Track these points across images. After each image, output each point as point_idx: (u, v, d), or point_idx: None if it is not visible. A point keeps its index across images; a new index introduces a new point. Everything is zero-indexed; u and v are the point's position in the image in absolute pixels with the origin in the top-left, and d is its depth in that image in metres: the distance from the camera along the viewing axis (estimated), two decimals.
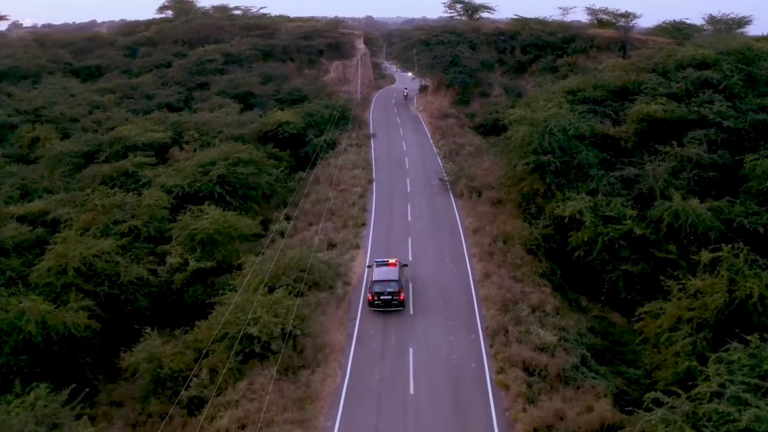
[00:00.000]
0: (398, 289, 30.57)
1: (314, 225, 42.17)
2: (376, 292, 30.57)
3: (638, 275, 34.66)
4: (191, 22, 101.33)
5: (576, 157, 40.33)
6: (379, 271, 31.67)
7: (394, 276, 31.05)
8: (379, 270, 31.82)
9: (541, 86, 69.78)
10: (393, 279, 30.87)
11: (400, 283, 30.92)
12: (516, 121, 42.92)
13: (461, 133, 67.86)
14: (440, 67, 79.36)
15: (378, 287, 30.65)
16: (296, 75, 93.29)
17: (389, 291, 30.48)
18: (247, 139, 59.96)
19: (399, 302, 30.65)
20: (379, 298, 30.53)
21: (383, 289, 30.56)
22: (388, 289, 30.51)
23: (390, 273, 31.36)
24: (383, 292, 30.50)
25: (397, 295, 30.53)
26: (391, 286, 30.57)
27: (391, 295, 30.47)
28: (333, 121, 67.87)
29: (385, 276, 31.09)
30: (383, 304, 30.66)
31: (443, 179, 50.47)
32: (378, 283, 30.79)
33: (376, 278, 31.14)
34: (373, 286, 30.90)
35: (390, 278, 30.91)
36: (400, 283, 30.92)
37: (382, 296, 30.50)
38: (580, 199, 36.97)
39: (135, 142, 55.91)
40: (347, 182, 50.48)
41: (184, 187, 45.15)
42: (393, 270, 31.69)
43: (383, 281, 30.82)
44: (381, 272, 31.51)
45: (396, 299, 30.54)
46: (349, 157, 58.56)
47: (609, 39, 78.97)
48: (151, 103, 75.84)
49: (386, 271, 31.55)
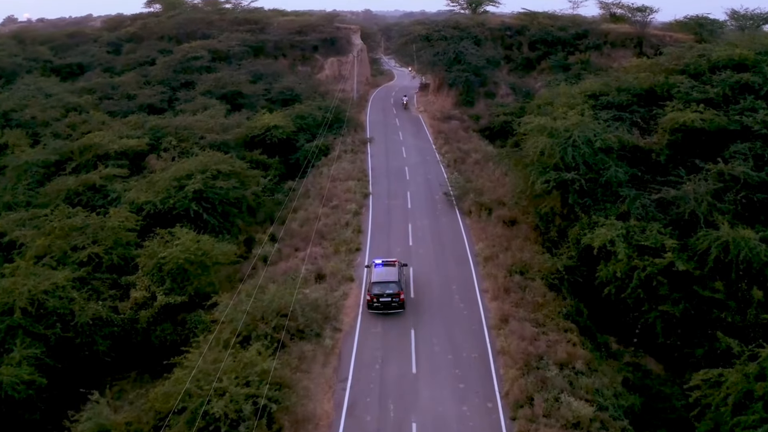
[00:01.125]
0: (398, 291, 29.54)
1: (301, 250, 36.83)
2: (375, 294, 29.56)
3: (679, 317, 29.50)
4: (178, 16, 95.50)
5: (603, 173, 34.92)
6: (378, 272, 30.61)
7: (393, 277, 29.98)
8: (378, 270, 30.76)
9: (552, 86, 64.57)
10: (392, 280, 29.78)
11: (399, 284, 29.83)
12: (534, 130, 37.41)
13: (466, 137, 62.42)
14: (442, 64, 73.80)
15: (377, 288, 29.63)
16: (289, 72, 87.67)
17: (388, 292, 29.46)
18: (231, 145, 54.77)
19: (399, 304, 29.65)
20: (378, 300, 29.55)
21: (382, 290, 29.54)
22: (388, 291, 29.50)
23: (389, 274, 30.29)
24: (382, 293, 29.49)
25: (397, 297, 29.51)
26: (391, 288, 29.55)
27: (390, 296, 29.46)
28: (326, 124, 62.44)
29: (384, 277, 30.03)
30: (383, 306, 29.62)
31: (448, 194, 45.06)
32: (377, 285, 29.74)
33: (375, 279, 30.06)
34: (372, 288, 29.78)
35: (389, 279, 29.85)
36: (399, 284, 29.83)
37: (381, 298, 29.50)
38: (611, 225, 31.61)
39: (107, 151, 50.64)
40: (340, 196, 45.07)
41: (156, 204, 39.89)
42: (392, 270, 30.61)
43: (382, 282, 29.77)
44: (380, 273, 30.48)
45: (396, 301, 29.54)
46: (343, 165, 53.15)
47: (624, 35, 73.40)
48: (133, 104, 70.59)
49: (385, 272, 30.46)
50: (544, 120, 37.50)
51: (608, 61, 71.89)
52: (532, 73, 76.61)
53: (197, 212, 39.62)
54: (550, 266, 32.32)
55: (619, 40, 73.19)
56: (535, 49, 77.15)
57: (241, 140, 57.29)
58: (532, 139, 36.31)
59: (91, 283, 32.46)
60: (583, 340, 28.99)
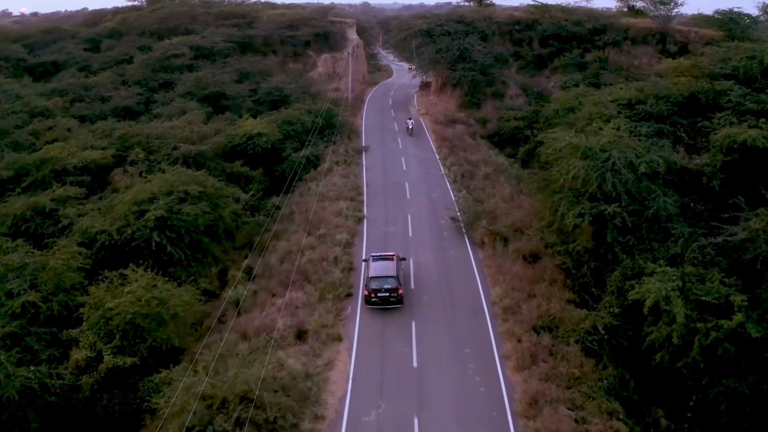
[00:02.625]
0: (396, 286, 28.93)
1: (279, 296, 30.35)
2: (373, 289, 28.93)
3: (748, 393, 23.28)
4: (160, 10, 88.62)
5: (650, 204, 28.41)
6: (376, 266, 29.90)
7: (392, 272, 29.43)
8: (376, 265, 30.03)
9: (568, 86, 58.06)
10: (391, 275, 29.20)
11: (398, 279, 29.20)
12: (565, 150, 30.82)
13: (473, 145, 55.82)
14: (445, 62, 67.00)
15: (375, 284, 28.99)
16: (279, 70, 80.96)
17: (387, 288, 28.85)
18: (208, 156, 48.32)
19: (397, 299, 29.02)
20: (376, 296, 28.90)
21: (380, 285, 28.90)
22: (386, 286, 28.86)
23: (388, 268, 29.68)
24: (380, 288, 28.86)
25: (395, 292, 28.88)
26: (389, 282, 28.93)
27: (388, 291, 28.85)
28: (316, 130, 55.88)
29: (382, 272, 29.39)
30: (381, 302, 29.00)
31: (456, 218, 38.55)
32: (375, 279, 29.10)
33: (372, 274, 29.38)
34: (369, 283, 29.12)
35: (388, 274, 29.27)
36: (398, 279, 29.20)
37: (379, 293, 28.86)
38: (662, 273, 25.18)
39: (66, 165, 44.30)
40: (329, 222, 38.53)
41: (112, 234, 33.66)
42: (391, 265, 29.99)
43: (380, 277, 29.11)
44: (378, 267, 29.79)
45: (394, 296, 28.92)
46: (334, 180, 46.60)
47: (645, 30, 66.72)
48: (106, 107, 64.20)
49: (384, 266, 29.79)
50: (576, 138, 30.85)
51: (628, 59, 65.30)
52: (544, 71, 69.91)
53: (160, 244, 33.34)
54: (587, 325, 25.85)
55: (640, 36, 66.52)
56: (547, 46, 70.33)
57: (221, 150, 50.78)
58: (564, 162, 29.70)
59: (25, 340, 26.58)
60: (632, 427, 22.69)
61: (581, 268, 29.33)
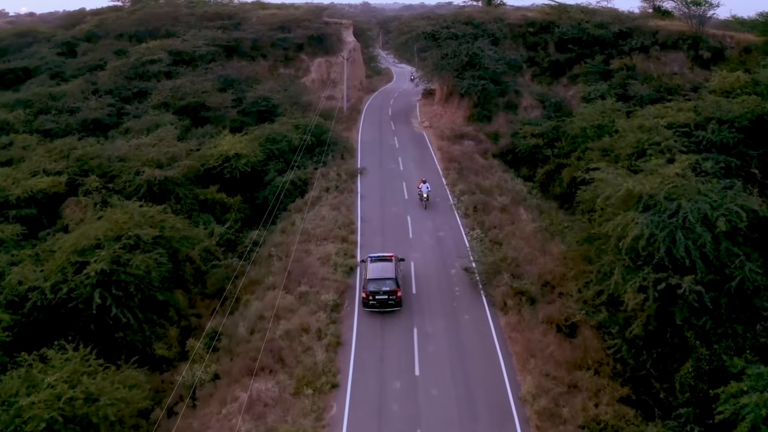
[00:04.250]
0: (395, 288, 28.01)
1: (241, 387, 23.28)
2: (371, 292, 27.92)
3: None
4: (140, 10, 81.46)
5: (732, 273, 21.30)
6: (373, 268, 29.03)
7: (390, 274, 28.46)
8: (374, 266, 29.19)
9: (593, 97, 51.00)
10: (389, 277, 28.24)
11: (396, 281, 28.26)
12: (620, 199, 23.64)
13: (485, 166, 48.69)
14: (452, 68, 59.85)
15: (373, 286, 28.02)
16: (269, 76, 73.99)
17: (385, 290, 27.91)
18: (179, 181, 41.69)
19: (396, 302, 28.06)
20: (374, 298, 27.92)
21: (378, 287, 27.97)
22: (384, 288, 27.95)
23: (386, 270, 28.75)
24: (378, 291, 27.92)
25: (394, 295, 27.95)
26: (387, 285, 28.02)
27: (387, 294, 27.90)
28: (303, 148, 48.83)
29: (380, 274, 28.46)
30: (379, 305, 27.98)
31: (470, 269, 31.45)
32: (373, 282, 28.15)
33: (370, 276, 28.42)
34: (367, 285, 28.13)
35: (386, 276, 28.29)
36: (396, 281, 28.26)
37: (377, 296, 27.87)
38: (756, 377, 18.24)
39: (8, 196, 37.85)
40: (313, 273, 31.42)
41: (45, 292, 26.96)
42: (389, 266, 29.14)
43: (378, 279, 28.19)
44: (376, 269, 28.91)
45: (393, 299, 27.97)
46: (322, 212, 39.53)
47: (676, 34, 59.46)
48: (75, 119, 57.44)
49: (382, 268, 28.94)
50: (634, 181, 23.63)
51: (658, 67, 58.11)
52: (561, 79, 62.68)
53: (103, 305, 26.72)
54: None
55: (670, 40, 59.26)
56: (564, 50, 63.02)
57: (193, 174, 43.84)
58: (619, 216, 22.53)
59: None
60: None
61: (639, 356, 22.20)
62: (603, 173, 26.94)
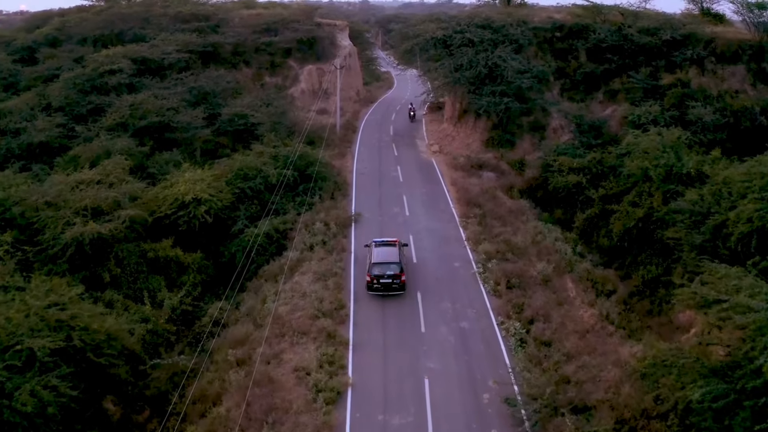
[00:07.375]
0: (399, 272, 28.20)
1: None
2: (376, 275, 28.21)
3: None
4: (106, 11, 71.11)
5: None
6: (378, 252, 29.30)
7: (394, 258, 28.78)
8: (379, 250, 29.45)
9: (644, 125, 41.08)
10: (393, 261, 28.55)
11: (400, 265, 28.44)
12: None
13: (513, 210, 38.48)
14: (467, 82, 49.72)
15: (377, 269, 28.33)
16: (252, 86, 63.80)
17: (389, 274, 28.13)
18: (120, 236, 32.06)
19: (400, 285, 28.29)
20: (379, 282, 28.18)
21: (383, 271, 28.22)
22: (388, 272, 28.16)
23: (390, 254, 29.09)
24: (383, 274, 28.16)
25: (398, 278, 28.13)
26: (392, 269, 28.26)
27: (391, 278, 28.10)
28: (282, 185, 38.79)
29: (385, 257, 28.79)
30: (383, 288, 28.26)
31: (511, 400, 21.34)
32: (377, 266, 28.43)
33: (375, 260, 28.74)
34: (372, 269, 28.42)
35: (390, 260, 28.62)
36: (400, 265, 28.44)
37: (381, 279, 28.13)
38: None
39: None
40: (283, 402, 21.28)
41: None
42: (393, 250, 29.44)
43: (383, 263, 28.48)
44: (381, 253, 29.21)
45: (396, 282, 28.17)
46: (303, 284, 29.47)
47: (736, 43, 49.34)
48: (16, 143, 48.04)
49: (386, 252, 29.26)
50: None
51: (715, 83, 47.99)
52: (596, 95, 52.55)
53: None
54: None
55: (729, 50, 49.12)
56: (600, 60, 52.72)
57: (140, 224, 33.82)
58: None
59: None
60: None
61: None
62: (727, 275, 16.83)
